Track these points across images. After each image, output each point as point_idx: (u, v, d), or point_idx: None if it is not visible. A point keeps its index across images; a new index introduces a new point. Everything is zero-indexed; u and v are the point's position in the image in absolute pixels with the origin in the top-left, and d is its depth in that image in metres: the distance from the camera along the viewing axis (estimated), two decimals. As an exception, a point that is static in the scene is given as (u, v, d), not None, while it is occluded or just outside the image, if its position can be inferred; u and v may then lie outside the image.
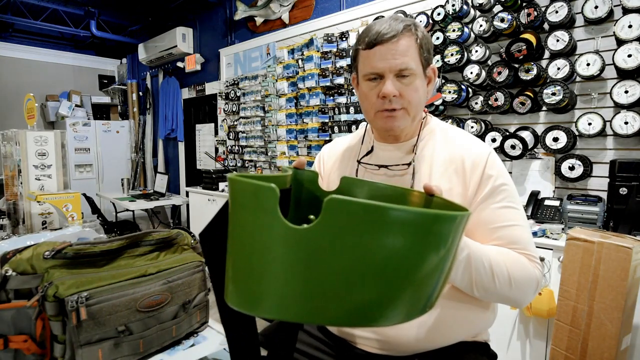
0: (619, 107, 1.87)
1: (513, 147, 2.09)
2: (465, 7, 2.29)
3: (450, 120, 2.40)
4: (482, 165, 0.84)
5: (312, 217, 0.64)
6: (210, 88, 4.64)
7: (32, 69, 6.01)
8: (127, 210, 4.34)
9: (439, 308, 0.83)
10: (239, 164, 4.15)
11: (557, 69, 1.98)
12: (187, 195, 4.27)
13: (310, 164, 3.33)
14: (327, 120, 3.13)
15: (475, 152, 0.86)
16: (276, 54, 3.64)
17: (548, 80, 2.00)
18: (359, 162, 0.96)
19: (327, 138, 3.12)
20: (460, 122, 2.36)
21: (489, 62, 2.29)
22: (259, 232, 0.40)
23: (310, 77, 3.18)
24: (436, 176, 0.86)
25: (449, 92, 2.32)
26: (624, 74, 1.85)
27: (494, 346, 0.93)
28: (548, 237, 1.78)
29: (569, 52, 2.01)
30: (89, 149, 5.58)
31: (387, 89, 0.82)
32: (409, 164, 0.89)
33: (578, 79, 2.00)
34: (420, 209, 0.39)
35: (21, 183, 2.02)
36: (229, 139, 4.22)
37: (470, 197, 0.84)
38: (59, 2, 4.62)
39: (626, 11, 1.82)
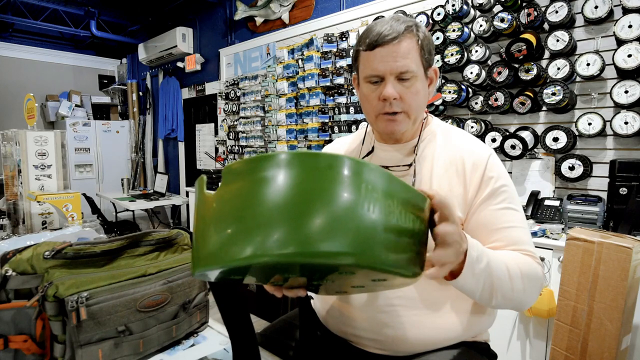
0: (619, 107, 1.87)
1: (513, 147, 2.09)
2: (465, 7, 2.29)
3: (450, 120, 2.40)
4: (483, 167, 0.84)
5: None
6: (210, 88, 4.64)
7: (32, 69, 6.01)
8: (127, 210, 4.34)
9: (439, 309, 0.83)
10: (239, 164, 4.15)
11: (557, 69, 1.98)
12: (187, 195, 4.27)
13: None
14: (327, 120, 3.13)
15: (476, 153, 0.86)
16: (276, 54, 3.64)
17: (548, 80, 2.00)
18: None
19: (327, 138, 3.12)
20: (460, 122, 2.36)
21: (489, 62, 2.29)
22: (198, 205, 0.52)
23: (310, 77, 3.18)
24: (437, 177, 0.86)
25: (449, 92, 2.32)
26: (624, 74, 1.85)
27: (494, 346, 0.93)
28: (548, 237, 1.78)
29: (569, 52, 2.01)
30: (89, 149, 5.58)
31: (388, 92, 0.81)
32: (409, 165, 0.88)
33: (578, 79, 2.00)
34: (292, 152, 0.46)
35: (21, 183, 2.02)
36: (229, 139, 4.22)
37: (471, 199, 0.84)
38: (59, 2, 4.62)
39: (626, 11, 1.82)
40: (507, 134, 2.16)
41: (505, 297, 0.74)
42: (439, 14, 2.38)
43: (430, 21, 2.45)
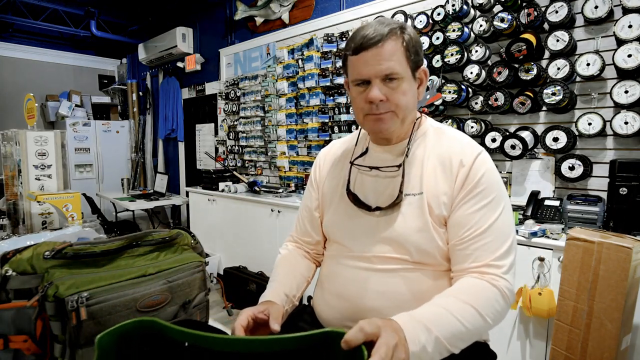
0: (619, 107, 1.87)
1: (513, 147, 2.09)
2: (465, 7, 2.29)
3: (450, 121, 2.39)
4: (469, 165, 0.85)
5: None
6: (210, 88, 4.63)
7: (32, 69, 6.01)
8: (127, 210, 4.34)
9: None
10: (239, 164, 4.15)
11: (557, 69, 1.98)
12: (187, 195, 4.26)
13: (310, 164, 3.33)
14: (327, 120, 3.13)
15: (464, 152, 0.87)
16: (276, 54, 3.64)
17: (548, 80, 2.00)
18: (351, 163, 0.98)
19: (327, 138, 3.12)
20: (460, 122, 2.36)
21: (489, 62, 2.28)
22: None
23: (310, 77, 3.18)
24: (426, 177, 0.88)
25: (449, 92, 2.31)
26: (624, 74, 1.85)
27: (494, 346, 0.93)
28: (548, 237, 1.78)
29: (569, 52, 2.01)
30: (89, 149, 5.58)
31: (373, 95, 0.83)
32: (399, 166, 0.90)
33: (578, 79, 2.00)
34: None
35: (21, 183, 2.02)
36: (229, 139, 4.22)
37: (454, 197, 0.85)
38: (59, 2, 4.62)
39: (626, 11, 1.82)
40: (507, 134, 2.16)
41: (465, 340, 0.73)
42: (439, 14, 2.38)
43: (430, 21, 2.45)
